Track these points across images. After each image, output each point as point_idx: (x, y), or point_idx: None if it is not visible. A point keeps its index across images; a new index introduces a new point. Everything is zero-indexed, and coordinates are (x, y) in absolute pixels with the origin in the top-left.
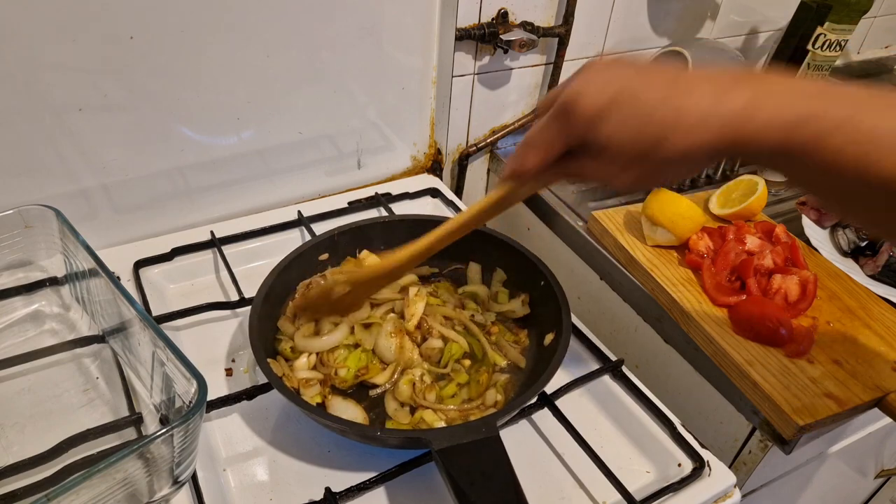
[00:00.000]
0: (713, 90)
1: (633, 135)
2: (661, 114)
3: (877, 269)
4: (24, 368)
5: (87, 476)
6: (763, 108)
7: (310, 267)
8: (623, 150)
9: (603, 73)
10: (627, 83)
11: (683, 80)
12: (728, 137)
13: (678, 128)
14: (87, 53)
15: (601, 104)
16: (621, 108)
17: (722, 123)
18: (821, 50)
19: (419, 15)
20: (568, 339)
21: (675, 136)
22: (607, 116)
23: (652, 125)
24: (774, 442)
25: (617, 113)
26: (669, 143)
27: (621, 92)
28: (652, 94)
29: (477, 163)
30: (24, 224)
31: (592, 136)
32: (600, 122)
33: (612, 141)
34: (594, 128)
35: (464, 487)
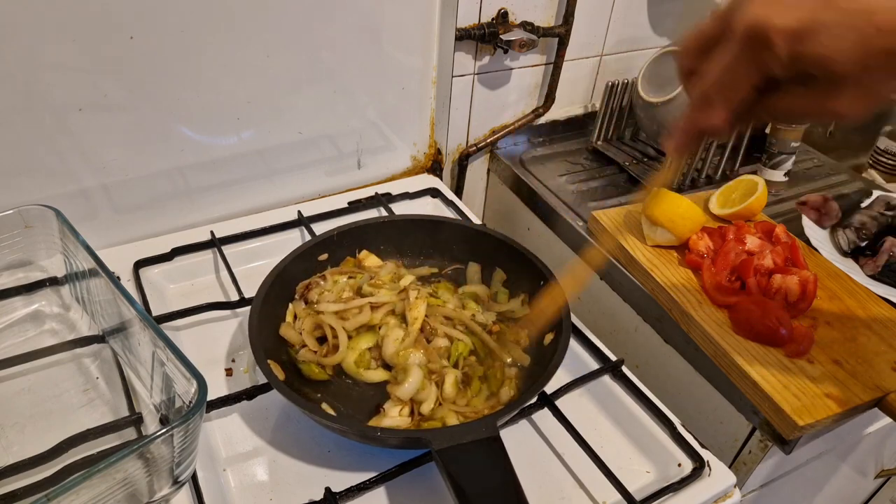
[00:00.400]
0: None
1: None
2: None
3: (877, 269)
4: (24, 368)
5: (87, 476)
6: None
7: (310, 267)
8: (847, 63)
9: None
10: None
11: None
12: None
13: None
14: (87, 53)
15: (804, 22)
16: (833, 15)
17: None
18: None
19: (419, 15)
20: (568, 339)
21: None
22: (817, 34)
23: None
24: (774, 442)
25: (829, 22)
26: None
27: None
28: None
29: (477, 163)
30: (24, 224)
31: (802, 59)
32: (811, 37)
33: (832, 55)
34: (803, 49)
35: (464, 487)
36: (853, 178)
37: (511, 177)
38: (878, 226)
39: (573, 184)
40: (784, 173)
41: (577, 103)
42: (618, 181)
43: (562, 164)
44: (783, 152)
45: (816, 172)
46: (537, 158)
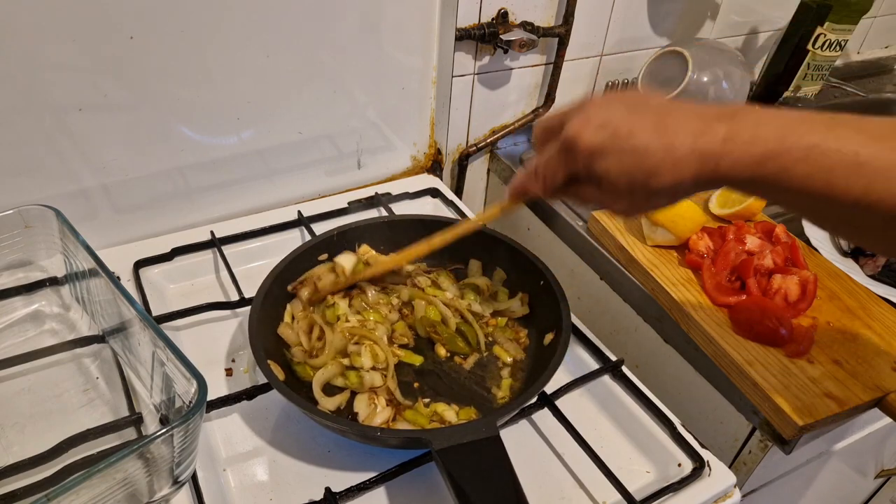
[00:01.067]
0: (696, 129)
1: (627, 170)
2: (652, 152)
3: (877, 269)
4: (24, 368)
5: (87, 476)
6: (736, 145)
7: (310, 267)
8: (619, 182)
9: (600, 113)
10: (621, 123)
11: (672, 117)
12: (707, 172)
13: (665, 165)
14: (87, 53)
15: (598, 143)
16: (616, 146)
17: (701, 161)
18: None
19: (419, 15)
20: (568, 339)
21: (663, 172)
22: (604, 154)
23: (643, 162)
24: (774, 442)
25: (613, 151)
26: (658, 178)
27: (616, 132)
28: (643, 134)
29: (477, 163)
30: (24, 224)
31: (591, 170)
32: (598, 158)
33: (609, 175)
34: (593, 163)
35: (464, 487)
36: None
37: (511, 177)
38: None
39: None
40: None
41: None
42: None
43: None
44: None
45: None
46: None
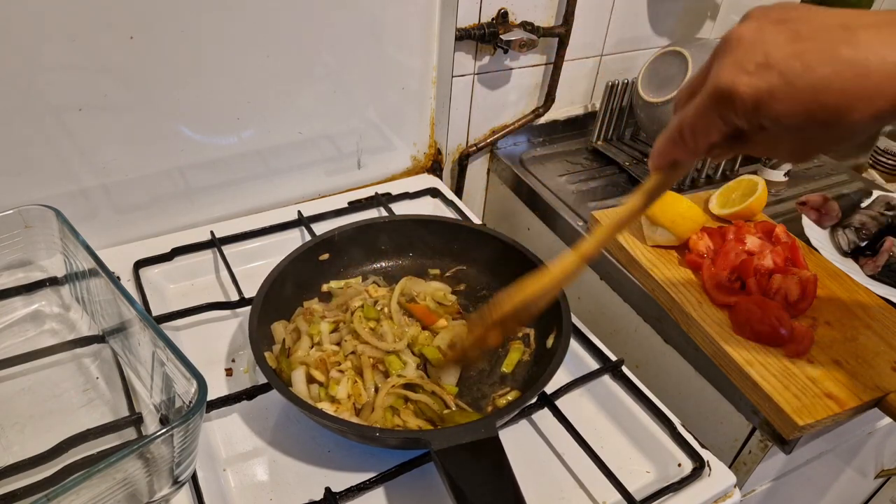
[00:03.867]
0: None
1: (805, 115)
2: (838, 86)
3: (877, 269)
4: (24, 368)
5: (87, 476)
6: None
7: (310, 267)
8: (799, 129)
9: (755, 50)
10: (788, 58)
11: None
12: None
13: (861, 96)
14: (87, 53)
15: (761, 91)
16: (789, 88)
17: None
18: None
19: (419, 15)
20: (568, 339)
21: (859, 105)
22: (774, 100)
23: (828, 100)
24: (774, 442)
25: (786, 94)
26: (854, 114)
27: (785, 71)
28: (819, 73)
29: (477, 163)
30: (24, 224)
31: (760, 122)
32: (766, 108)
33: (785, 123)
34: (760, 115)
35: (462, 488)
36: (853, 178)
37: (511, 177)
38: (878, 226)
39: (573, 184)
40: (784, 173)
41: (577, 103)
42: (618, 181)
43: (562, 164)
44: None
45: (816, 172)
46: (537, 158)
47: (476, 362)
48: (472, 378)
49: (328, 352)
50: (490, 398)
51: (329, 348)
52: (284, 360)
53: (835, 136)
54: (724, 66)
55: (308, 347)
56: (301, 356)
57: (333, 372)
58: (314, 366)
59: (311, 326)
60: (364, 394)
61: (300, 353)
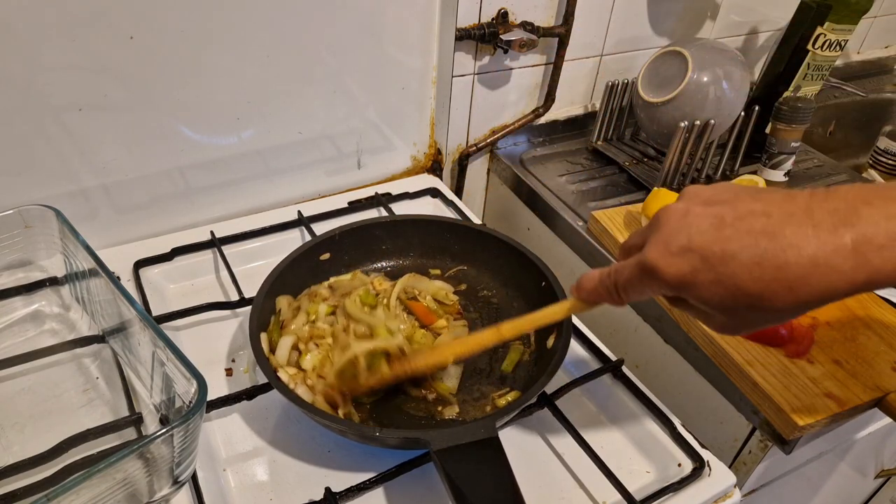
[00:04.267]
0: (815, 231)
1: (727, 299)
2: (760, 275)
3: None
4: (24, 368)
5: (87, 476)
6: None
7: (310, 267)
8: (716, 309)
9: (680, 234)
10: (709, 246)
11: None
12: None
13: (780, 288)
14: (87, 53)
15: (684, 274)
16: (707, 275)
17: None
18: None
19: (419, 15)
20: (568, 340)
21: (780, 295)
22: (694, 285)
23: (749, 288)
24: (774, 442)
25: (704, 280)
26: (776, 302)
27: (705, 259)
28: (742, 256)
29: (477, 163)
30: (24, 224)
31: (682, 297)
32: (688, 289)
33: (707, 303)
34: (683, 294)
35: (462, 488)
36: (853, 178)
37: (511, 177)
38: None
39: (573, 184)
40: (784, 173)
41: (577, 103)
42: (618, 181)
43: (562, 164)
44: (783, 152)
45: (816, 172)
46: (537, 158)
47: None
48: (472, 378)
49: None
50: (490, 398)
51: (321, 326)
52: (277, 332)
53: (765, 318)
54: (653, 243)
55: (303, 323)
56: (293, 329)
57: (311, 345)
58: (303, 339)
59: (311, 306)
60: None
61: (293, 326)
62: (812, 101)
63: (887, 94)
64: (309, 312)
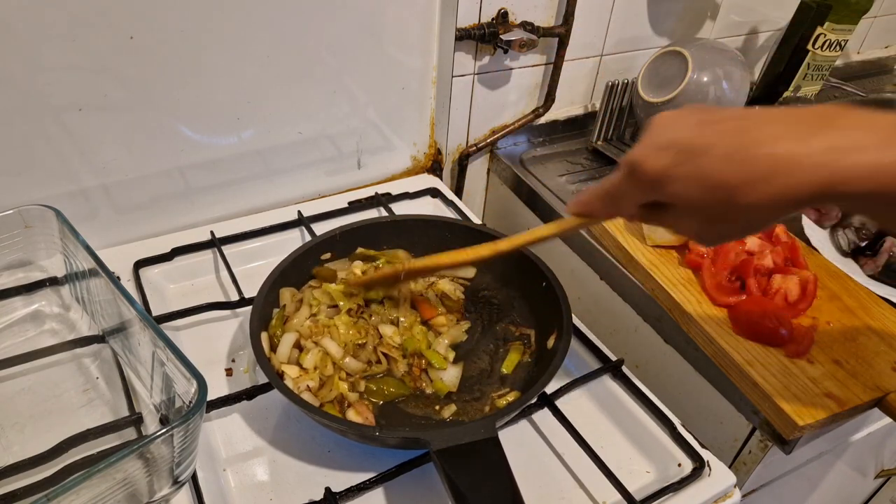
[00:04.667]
0: (787, 132)
1: (701, 193)
2: (731, 168)
3: (877, 269)
4: (24, 368)
5: (87, 476)
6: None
7: (311, 267)
8: (695, 207)
9: (665, 132)
10: (689, 140)
11: (751, 126)
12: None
13: (748, 181)
14: (87, 53)
15: (663, 167)
16: (684, 167)
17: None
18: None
19: (419, 15)
20: (569, 340)
21: (747, 189)
22: (671, 178)
23: (721, 181)
24: (774, 442)
25: (681, 173)
26: (744, 196)
27: (684, 151)
28: (717, 149)
29: (477, 163)
30: (24, 224)
31: (662, 196)
32: (665, 184)
33: (682, 200)
34: (660, 189)
35: (461, 489)
36: None
37: (511, 177)
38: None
39: (573, 184)
40: None
41: (577, 103)
42: None
43: (562, 164)
44: None
45: None
46: (537, 158)
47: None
48: (472, 378)
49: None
50: (490, 398)
51: (323, 321)
52: (280, 327)
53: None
54: (640, 142)
55: (305, 317)
56: (295, 324)
57: (309, 343)
58: (305, 335)
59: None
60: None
61: (296, 321)
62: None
63: (887, 94)
64: (311, 305)
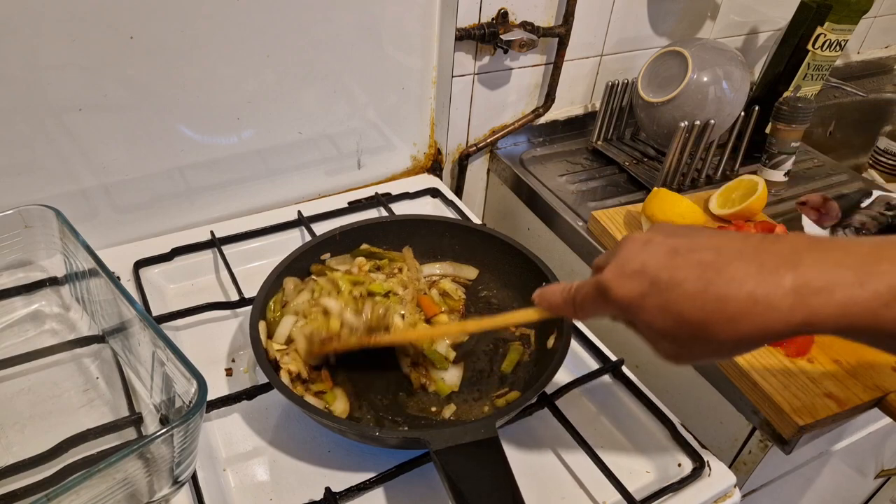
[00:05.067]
0: (758, 271)
1: (670, 326)
2: (700, 306)
3: None
4: (24, 368)
5: (87, 476)
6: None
7: (310, 267)
8: (661, 335)
9: (637, 256)
10: (658, 272)
11: (723, 262)
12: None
13: (720, 319)
14: (87, 53)
15: (632, 296)
16: (654, 298)
17: (774, 310)
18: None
19: (419, 15)
20: (569, 340)
21: (719, 327)
22: (640, 308)
23: (690, 318)
24: (774, 442)
25: (650, 304)
26: (716, 334)
27: (654, 283)
28: (687, 284)
29: (477, 163)
30: (24, 224)
31: (630, 321)
32: (635, 312)
33: (652, 328)
34: (631, 316)
35: (462, 488)
36: (853, 178)
37: (511, 177)
38: (878, 226)
39: (573, 184)
40: (784, 173)
41: (577, 103)
42: (618, 181)
43: (562, 164)
44: (783, 152)
45: (816, 172)
46: (537, 158)
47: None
48: (472, 378)
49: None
50: (490, 398)
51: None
52: (279, 311)
53: (709, 350)
54: (611, 265)
55: (305, 299)
56: (295, 304)
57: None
58: (302, 314)
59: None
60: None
61: (296, 301)
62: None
63: (887, 94)
64: (314, 290)
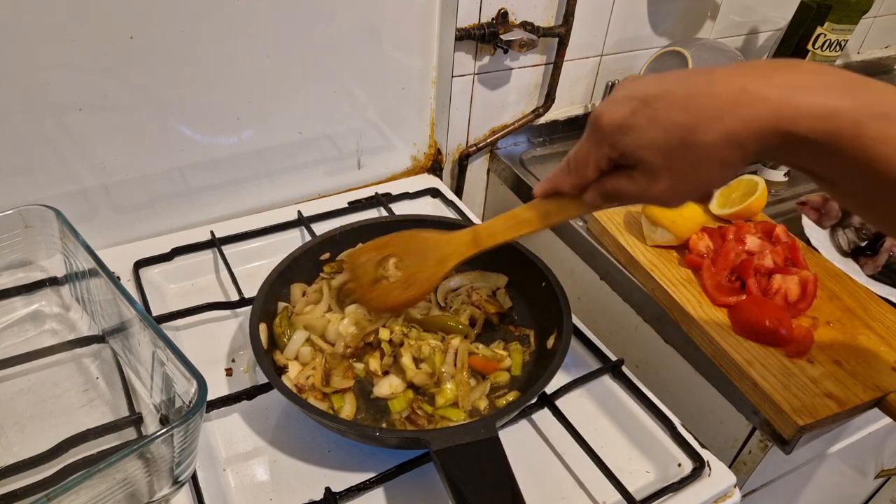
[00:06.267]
0: (743, 73)
1: (661, 136)
2: (686, 107)
3: (877, 269)
4: (24, 368)
5: (87, 476)
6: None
7: (310, 267)
8: (651, 152)
9: (625, 89)
10: (647, 91)
11: (709, 71)
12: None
13: (709, 115)
14: (87, 53)
15: (621, 116)
16: (642, 113)
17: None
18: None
19: (419, 15)
20: (569, 340)
21: (708, 123)
22: (629, 127)
23: (676, 121)
24: (774, 442)
25: (638, 120)
26: (705, 133)
27: (641, 100)
28: (673, 92)
29: (477, 163)
30: (24, 224)
31: (621, 149)
32: (625, 132)
33: (640, 145)
34: (620, 139)
35: (462, 489)
36: None
37: (511, 177)
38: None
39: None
40: (784, 173)
41: (577, 103)
42: None
43: None
44: None
45: None
46: (537, 158)
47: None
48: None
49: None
50: (490, 398)
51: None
52: (286, 321)
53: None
54: (603, 102)
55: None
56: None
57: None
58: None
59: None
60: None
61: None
62: None
63: None
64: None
